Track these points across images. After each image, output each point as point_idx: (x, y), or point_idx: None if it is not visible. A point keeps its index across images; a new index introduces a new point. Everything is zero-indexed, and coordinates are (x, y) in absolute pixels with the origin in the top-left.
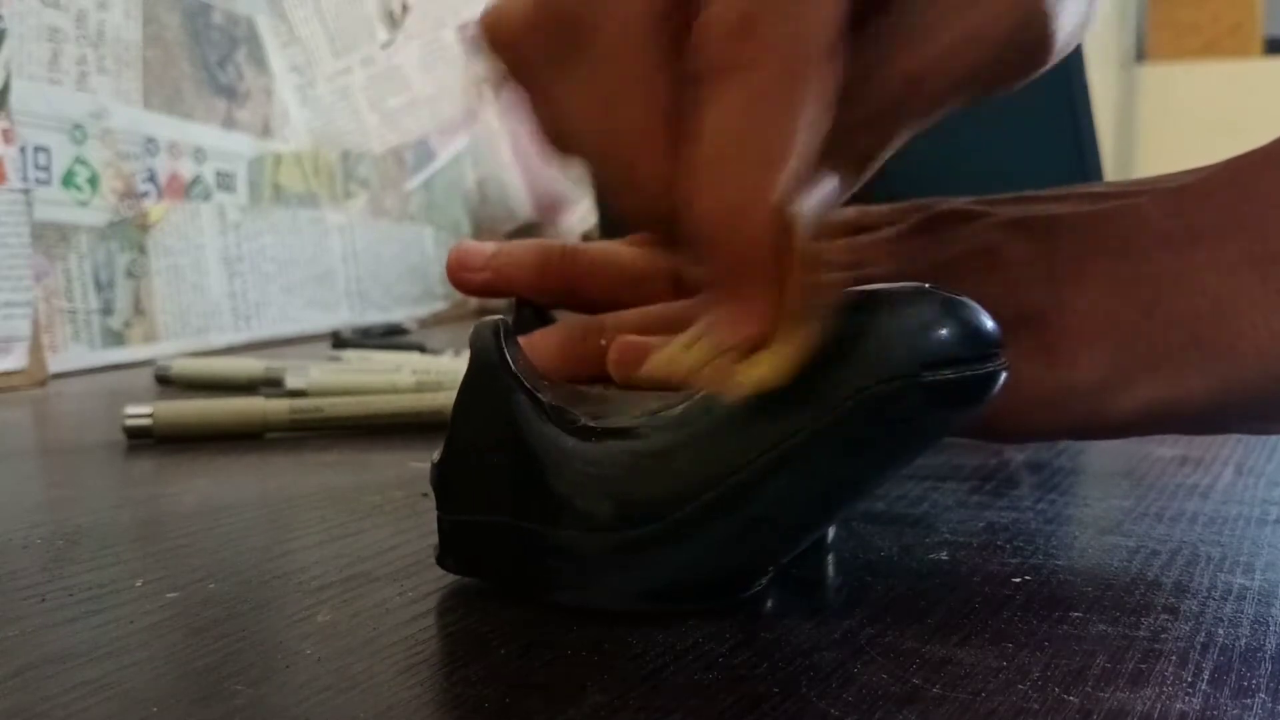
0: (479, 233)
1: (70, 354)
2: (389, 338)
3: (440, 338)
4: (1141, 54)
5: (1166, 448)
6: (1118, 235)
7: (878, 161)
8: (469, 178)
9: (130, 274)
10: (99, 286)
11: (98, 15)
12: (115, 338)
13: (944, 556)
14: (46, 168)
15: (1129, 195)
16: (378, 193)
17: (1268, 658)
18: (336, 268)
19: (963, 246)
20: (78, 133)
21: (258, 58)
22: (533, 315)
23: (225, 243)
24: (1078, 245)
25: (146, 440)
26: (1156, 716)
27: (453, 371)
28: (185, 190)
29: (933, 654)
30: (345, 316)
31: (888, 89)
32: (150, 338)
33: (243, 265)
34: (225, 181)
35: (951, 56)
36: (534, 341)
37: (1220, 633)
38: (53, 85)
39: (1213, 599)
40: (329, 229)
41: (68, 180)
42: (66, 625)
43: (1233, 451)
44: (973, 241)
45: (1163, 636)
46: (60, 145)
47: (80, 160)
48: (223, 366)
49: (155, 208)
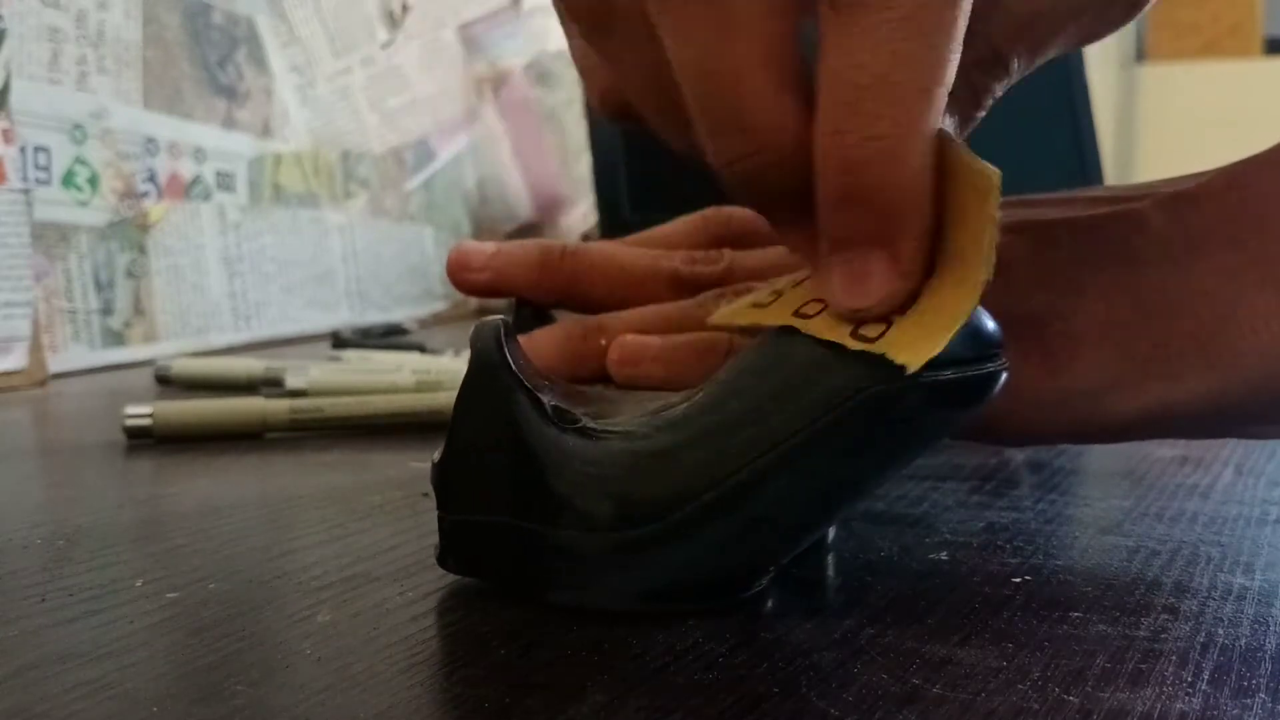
0: (479, 233)
1: (70, 354)
2: (389, 338)
3: (440, 338)
4: (1141, 54)
5: (1166, 448)
6: (1118, 240)
7: (983, 109)
8: (469, 178)
9: (130, 274)
10: (99, 286)
11: (98, 15)
12: (115, 338)
13: (944, 556)
14: (46, 168)
15: (1129, 200)
16: (378, 193)
17: (1268, 658)
18: (336, 268)
19: None
20: (78, 133)
21: (258, 58)
22: (533, 315)
23: (225, 243)
24: (1078, 249)
25: (146, 440)
26: (1156, 716)
27: (453, 371)
28: (185, 190)
29: (933, 654)
30: (345, 316)
31: (1004, 26)
32: (150, 338)
33: (243, 265)
34: (225, 181)
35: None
36: (534, 341)
37: (1220, 633)
38: (53, 85)
39: (1213, 599)
40: (329, 229)
41: (68, 180)
42: (66, 625)
43: (1233, 452)
44: None
45: (1163, 636)
46: (60, 145)
47: (80, 160)
48: (223, 366)
49: (155, 208)
